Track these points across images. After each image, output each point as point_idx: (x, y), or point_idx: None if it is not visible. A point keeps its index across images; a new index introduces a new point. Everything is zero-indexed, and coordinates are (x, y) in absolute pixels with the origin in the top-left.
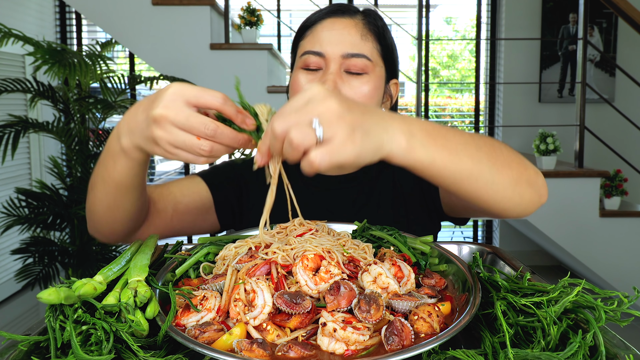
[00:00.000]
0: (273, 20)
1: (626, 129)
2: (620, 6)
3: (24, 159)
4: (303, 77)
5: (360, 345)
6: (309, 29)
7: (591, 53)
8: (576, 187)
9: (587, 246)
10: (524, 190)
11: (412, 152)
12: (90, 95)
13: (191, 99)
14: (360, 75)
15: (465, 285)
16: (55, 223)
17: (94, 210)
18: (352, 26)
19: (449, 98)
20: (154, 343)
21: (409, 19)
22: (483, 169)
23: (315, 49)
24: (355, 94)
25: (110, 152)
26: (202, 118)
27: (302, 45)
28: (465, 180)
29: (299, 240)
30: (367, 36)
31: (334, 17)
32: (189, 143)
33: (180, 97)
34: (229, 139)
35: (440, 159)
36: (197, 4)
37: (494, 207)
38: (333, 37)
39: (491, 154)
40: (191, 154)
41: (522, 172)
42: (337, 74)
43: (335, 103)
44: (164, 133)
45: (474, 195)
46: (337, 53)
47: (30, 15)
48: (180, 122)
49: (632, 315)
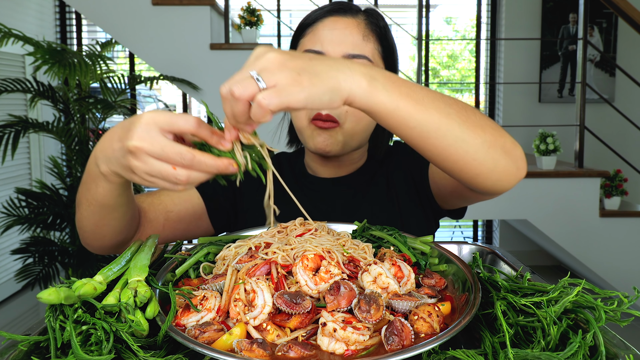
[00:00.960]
0: (273, 20)
1: (626, 129)
2: (620, 6)
3: (24, 159)
4: None
5: (360, 345)
6: (310, 26)
7: (591, 53)
8: (576, 187)
9: (587, 246)
10: (498, 156)
11: (374, 94)
12: (90, 95)
13: (164, 127)
14: None
15: (465, 285)
16: (55, 223)
17: (82, 226)
18: (354, 26)
19: None
20: (154, 343)
21: (409, 19)
22: (452, 125)
23: (315, 48)
24: None
25: (91, 175)
26: (177, 148)
27: (303, 43)
28: (432, 134)
29: (299, 240)
30: (368, 37)
31: (336, 15)
32: (165, 173)
33: (154, 126)
34: (206, 165)
35: (404, 107)
36: (197, 4)
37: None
38: (334, 36)
39: (462, 113)
40: (168, 182)
41: (497, 137)
42: None
43: (276, 54)
44: (140, 163)
45: (443, 154)
46: (338, 53)
47: (30, 15)
48: (156, 153)
49: (632, 315)
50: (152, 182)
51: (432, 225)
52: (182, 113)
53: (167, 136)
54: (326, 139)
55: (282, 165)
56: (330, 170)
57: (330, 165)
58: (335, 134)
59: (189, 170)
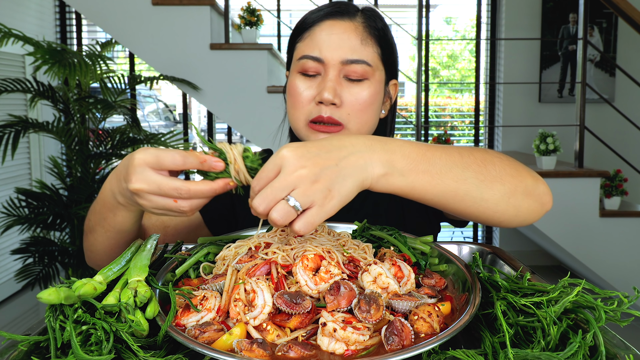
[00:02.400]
0: (273, 20)
1: (626, 129)
2: (620, 6)
3: (24, 159)
4: (301, 83)
5: (360, 345)
6: (307, 30)
7: (591, 53)
8: (576, 187)
9: (587, 246)
10: (520, 202)
11: (389, 181)
12: (90, 95)
13: (154, 166)
14: (360, 82)
15: (465, 285)
16: (55, 223)
17: (95, 250)
18: (352, 30)
19: (449, 98)
20: (154, 343)
21: (409, 19)
22: (469, 188)
23: (313, 54)
24: (356, 100)
25: (107, 206)
26: (172, 184)
27: (299, 47)
28: (450, 201)
29: (299, 240)
30: (367, 40)
31: (333, 19)
32: (168, 206)
33: (146, 166)
34: (203, 192)
35: (420, 184)
36: (197, 4)
37: (488, 221)
38: (332, 41)
39: (480, 171)
40: (175, 212)
41: (517, 184)
42: (336, 81)
43: (306, 169)
44: (145, 202)
45: (463, 213)
46: (336, 59)
47: (30, 15)
48: (155, 191)
49: (632, 315)
50: (161, 214)
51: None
52: (169, 150)
53: (162, 173)
54: None
55: None
56: None
57: None
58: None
59: (190, 200)
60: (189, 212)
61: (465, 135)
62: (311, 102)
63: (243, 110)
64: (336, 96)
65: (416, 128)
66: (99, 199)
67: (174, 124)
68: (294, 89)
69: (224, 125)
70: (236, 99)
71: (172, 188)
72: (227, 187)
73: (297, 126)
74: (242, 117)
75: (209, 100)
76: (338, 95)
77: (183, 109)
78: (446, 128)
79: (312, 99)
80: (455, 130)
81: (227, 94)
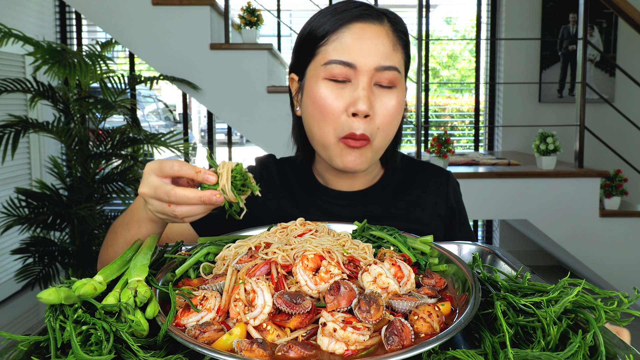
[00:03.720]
0: (273, 20)
1: (626, 129)
2: (620, 6)
3: (24, 159)
4: (330, 92)
5: (360, 345)
6: (334, 32)
7: (591, 53)
8: (576, 187)
9: (587, 246)
10: None
11: None
12: (90, 95)
13: (157, 173)
14: (390, 89)
15: (465, 285)
16: (55, 223)
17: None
18: (384, 35)
19: (449, 98)
20: (154, 343)
21: (409, 19)
22: None
23: (344, 59)
24: (386, 110)
25: (135, 218)
26: (165, 188)
27: (325, 51)
28: None
29: (299, 240)
30: (397, 46)
31: (363, 22)
32: (164, 210)
33: (151, 173)
34: (188, 198)
35: None
36: (197, 4)
37: None
38: (365, 47)
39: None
40: (171, 217)
41: None
42: (369, 89)
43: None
44: (149, 205)
45: None
46: (370, 65)
47: (30, 15)
48: (151, 194)
49: (632, 315)
50: (164, 219)
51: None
52: (172, 160)
53: (164, 180)
54: (357, 157)
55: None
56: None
57: (345, 177)
58: (366, 151)
59: (182, 205)
60: (180, 217)
61: (465, 135)
62: (343, 113)
63: (243, 110)
64: (371, 107)
65: (416, 128)
66: (129, 210)
67: (174, 124)
68: (322, 99)
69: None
70: (236, 99)
71: (164, 191)
72: (212, 199)
73: (326, 142)
74: (242, 117)
75: (209, 100)
76: (372, 105)
77: (183, 109)
78: (446, 128)
79: (343, 110)
80: (455, 130)
81: (227, 94)
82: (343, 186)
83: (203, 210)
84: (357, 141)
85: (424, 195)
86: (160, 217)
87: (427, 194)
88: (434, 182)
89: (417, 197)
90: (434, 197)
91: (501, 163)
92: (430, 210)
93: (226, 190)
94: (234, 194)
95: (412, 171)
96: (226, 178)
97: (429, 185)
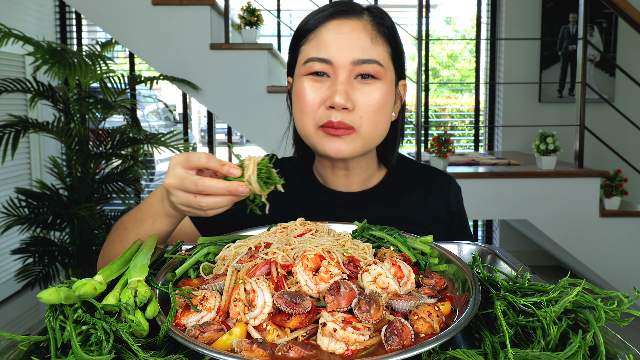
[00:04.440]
0: (273, 20)
1: (626, 129)
2: (620, 6)
3: (24, 159)
4: (309, 87)
5: (360, 345)
6: (312, 31)
7: (591, 53)
8: (576, 187)
9: (587, 246)
10: None
11: None
12: (90, 95)
13: (184, 164)
14: (372, 82)
15: (465, 285)
16: (55, 223)
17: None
18: (361, 28)
19: (448, 98)
20: (154, 343)
21: (409, 19)
22: None
23: (321, 55)
24: (369, 101)
25: (151, 213)
26: (192, 178)
27: (305, 50)
28: None
29: (299, 240)
30: (377, 39)
31: (340, 18)
32: (190, 202)
33: (177, 165)
34: (216, 188)
35: None
36: (197, 4)
37: None
38: (341, 41)
39: None
40: (196, 209)
41: None
42: (348, 83)
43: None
44: (174, 197)
45: None
46: (346, 60)
47: (30, 15)
48: (178, 185)
49: (632, 315)
50: (187, 212)
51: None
52: (199, 152)
53: (190, 172)
54: (339, 144)
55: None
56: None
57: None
58: (352, 139)
59: (207, 197)
60: (206, 209)
61: (465, 135)
62: (320, 106)
63: (243, 110)
64: (348, 100)
65: (416, 128)
66: (143, 206)
67: (174, 124)
68: (301, 93)
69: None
70: (236, 99)
71: (191, 181)
72: (239, 189)
73: (306, 132)
74: (242, 117)
75: (209, 100)
76: (350, 98)
77: (183, 109)
78: (446, 128)
79: (321, 102)
80: (455, 130)
81: (227, 94)
82: (341, 184)
83: (228, 202)
84: (337, 129)
85: (426, 199)
86: (184, 209)
87: (429, 197)
88: (436, 185)
89: (418, 200)
90: (436, 200)
91: (501, 163)
92: (431, 213)
93: (252, 182)
94: (260, 185)
95: (414, 174)
96: (252, 170)
97: (431, 188)
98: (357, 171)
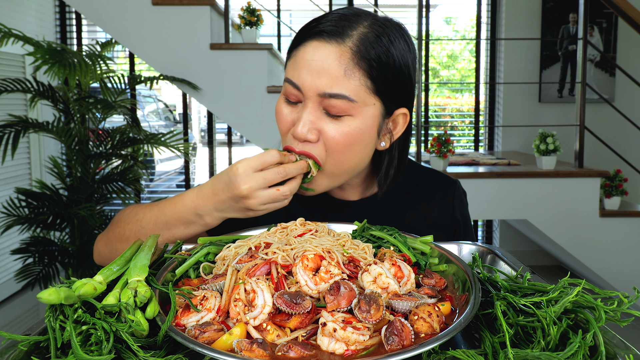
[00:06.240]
0: (273, 20)
1: (626, 129)
2: (620, 6)
3: (24, 159)
4: (284, 106)
5: (360, 345)
6: (296, 47)
7: (591, 53)
8: (576, 187)
9: (587, 246)
10: None
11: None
12: (90, 95)
13: (257, 166)
14: (340, 118)
15: (465, 285)
16: (55, 223)
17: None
18: (336, 57)
19: (448, 98)
20: (154, 343)
21: (409, 19)
22: None
23: (294, 80)
24: (334, 137)
25: (182, 220)
26: (273, 170)
27: (288, 65)
28: None
29: (299, 240)
30: (353, 71)
31: (319, 40)
32: (275, 195)
33: (250, 170)
34: (295, 168)
35: None
36: (197, 4)
37: None
38: (312, 68)
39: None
40: (279, 201)
41: None
42: (314, 114)
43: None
44: (254, 200)
45: None
46: (313, 90)
47: (30, 15)
48: (263, 184)
49: (632, 315)
50: (266, 209)
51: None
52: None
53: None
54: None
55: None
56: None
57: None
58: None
59: (287, 185)
60: (289, 195)
61: (465, 135)
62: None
63: (243, 110)
64: (311, 131)
65: (416, 128)
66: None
67: (174, 124)
68: (277, 113)
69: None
70: (236, 99)
71: (274, 172)
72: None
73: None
74: (242, 117)
75: (209, 100)
76: (314, 130)
77: (183, 109)
78: (446, 128)
79: (292, 124)
80: (455, 130)
81: (227, 94)
82: (337, 194)
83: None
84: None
85: (430, 204)
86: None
87: (433, 203)
88: (440, 191)
89: (422, 206)
90: (440, 206)
91: (501, 163)
92: (434, 219)
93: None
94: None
95: (419, 179)
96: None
97: (436, 194)
98: (351, 186)
